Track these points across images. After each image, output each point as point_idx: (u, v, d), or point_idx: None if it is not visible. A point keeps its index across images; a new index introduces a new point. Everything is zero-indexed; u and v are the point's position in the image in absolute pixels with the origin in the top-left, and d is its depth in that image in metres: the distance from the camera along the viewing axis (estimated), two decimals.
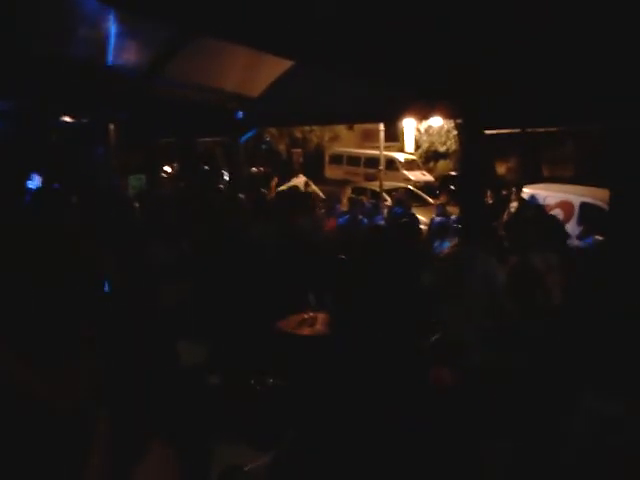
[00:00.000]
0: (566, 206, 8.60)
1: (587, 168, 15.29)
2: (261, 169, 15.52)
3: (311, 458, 2.54)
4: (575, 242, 6.40)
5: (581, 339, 3.16)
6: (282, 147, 23.77)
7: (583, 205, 8.63)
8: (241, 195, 7.23)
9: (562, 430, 2.37)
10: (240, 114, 7.86)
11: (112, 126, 8.29)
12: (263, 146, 21.72)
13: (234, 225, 5.36)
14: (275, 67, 6.77)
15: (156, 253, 4.29)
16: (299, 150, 23.41)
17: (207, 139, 13.58)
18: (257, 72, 6.93)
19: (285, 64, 6.56)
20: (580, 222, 8.17)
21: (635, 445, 2.19)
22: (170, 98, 6.87)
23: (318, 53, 4.36)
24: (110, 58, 5.64)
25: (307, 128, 22.66)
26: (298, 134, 23.63)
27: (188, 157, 10.54)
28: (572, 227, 7.76)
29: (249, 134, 8.32)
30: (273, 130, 21.81)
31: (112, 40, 5.43)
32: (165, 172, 13.14)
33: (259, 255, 4.38)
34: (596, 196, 8.42)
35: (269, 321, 3.71)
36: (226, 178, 11.09)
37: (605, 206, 7.50)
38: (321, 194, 11.08)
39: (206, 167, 12.25)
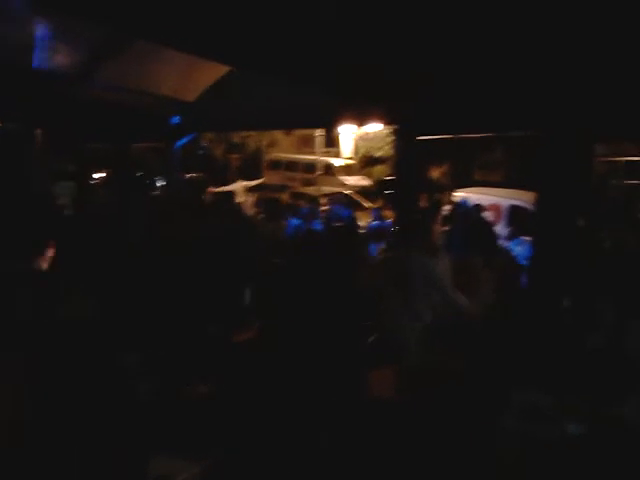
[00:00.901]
0: (495, 208, 8.95)
1: (515, 172, 15.97)
2: (197, 175, 15.33)
3: (243, 467, 2.53)
4: (504, 243, 6.67)
5: (511, 338, 3.30)
6: (219, 152, 23.53)
7: (511, 207, 9.02)
8: (178, 200, 7.13)
9: (497, 424, 2.47)
10: (176, 119, 7.73)
11: (40, 131, 7.97)
12: (199, 151, 21.43)
13: (168, 230, 5.28)
14: (212, 71, 6.70)
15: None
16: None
17: (141, 144, 13.28)
18: (193, 76, 6.84)
19: (222, 68, 6.51)
20: (508, 224, 8.53)
21: (562, 434, 2.33)
22: (102, 102, 6.68)
23: (253, 59, 4.36)
24: (38, 60, 5.44)
25: (244, 133, 22.53)
26: (235, 139, 23.46)
27: (121, 163, 10.28)
28: (501, 228, 8.08)
29: (185, 139, 8.20)
30: (210, 135, 21.56)
31: (40, 41, 5.24)
32: (96, 179, 12.75)
33: (193, 258, 4.33)
34: (523, 199, 8.80)
35: (201, 326, 3.67)
36: (161, 184, 10.90)
37: (532, 208, 7.86)
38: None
39: (140, 173, 11.98)
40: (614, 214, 8.24)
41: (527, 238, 6.23)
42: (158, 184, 11.51)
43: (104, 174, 13.03)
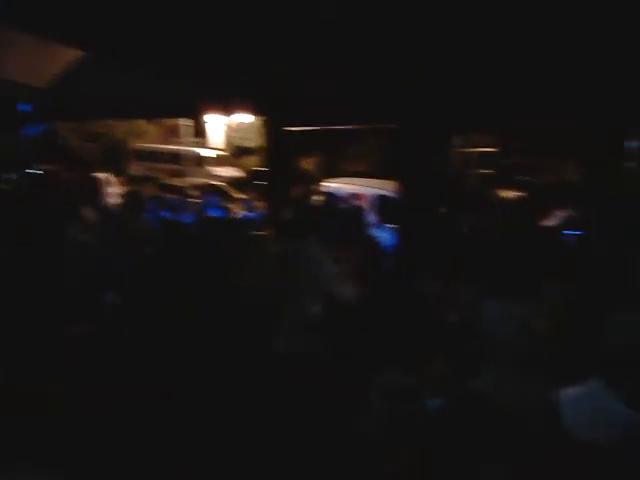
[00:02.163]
0: (362, 198, 9.26)
1: (381, 163, 16.66)
2: (54, 167, 14.26)
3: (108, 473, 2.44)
4: (370, 231, 6.91)
5: (377, 321, 3.44)
6: (78, 142, 22.03)
7: (377, 197, 9.39)
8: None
9: (361, 405, 2.57)
10: (25, 106, 7.11)
11: None
12: (56, 141, 19.93)
13: (22, 225, 4.88)
14: (65, 55, 6.23)
15: None
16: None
17: None
18: (45, 60, 6.31)
19: (75, 53, 6.07)
20: (374, 212, 8.87)
21: (422, 409, 2.47)
22: None
23: (106, 43, 4.11)
24: None
25: (106, 122, 21.31)
26: (96, 129, 22.11)
27: None
28: (368, 217, 8.37)
29: (37, 128, 7.58)
30: (67, 124, 20.13)
31: None
32: None
33: (53, 256, 4.05)
34: (388, 188, 9.19)
35: (60, 326, 3.45)
36: (12, 177, 10.00)
37: (396, 197, 8.23)
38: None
39: None
40: (471, 201, 8.84)
41: (392, 226, 6.50)
42: (9, 177, 10.55)
43: None
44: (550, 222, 6.85)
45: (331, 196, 9.09)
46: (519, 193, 10.45)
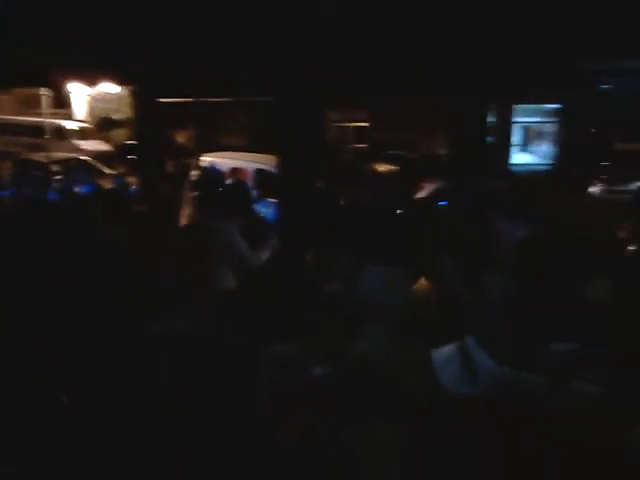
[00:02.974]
0: (241, 172, 9.16)
1: (260, 136, 16.58)
2: None
3: None
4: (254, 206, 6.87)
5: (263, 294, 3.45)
6: None
7: (256, 171, 9.34)
8: None
9: (252, 377, 2.59)
10: None
11: None
12: None
13: None
14: None
15: None
16: None
17: None
18: None
19: None
20: (254, 187, 8.83)
21: (307, 377, 2.55)
22: None
23: None
24: None
25: None
26: None
27: None
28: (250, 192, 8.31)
29: None
30: None
31: None
32: None
33: None
34: (267, 162, 9.16)
35: None
36: None
37: (275, 171, 8.22)
38: None
39: None
40: (346, 175, 9.07)
41: (272, 200, 6.52)
42: None
43: None
44: (421, 194, 7.22)
45: (210, 171, 8.89)
46: (392, 166, 10.88)
